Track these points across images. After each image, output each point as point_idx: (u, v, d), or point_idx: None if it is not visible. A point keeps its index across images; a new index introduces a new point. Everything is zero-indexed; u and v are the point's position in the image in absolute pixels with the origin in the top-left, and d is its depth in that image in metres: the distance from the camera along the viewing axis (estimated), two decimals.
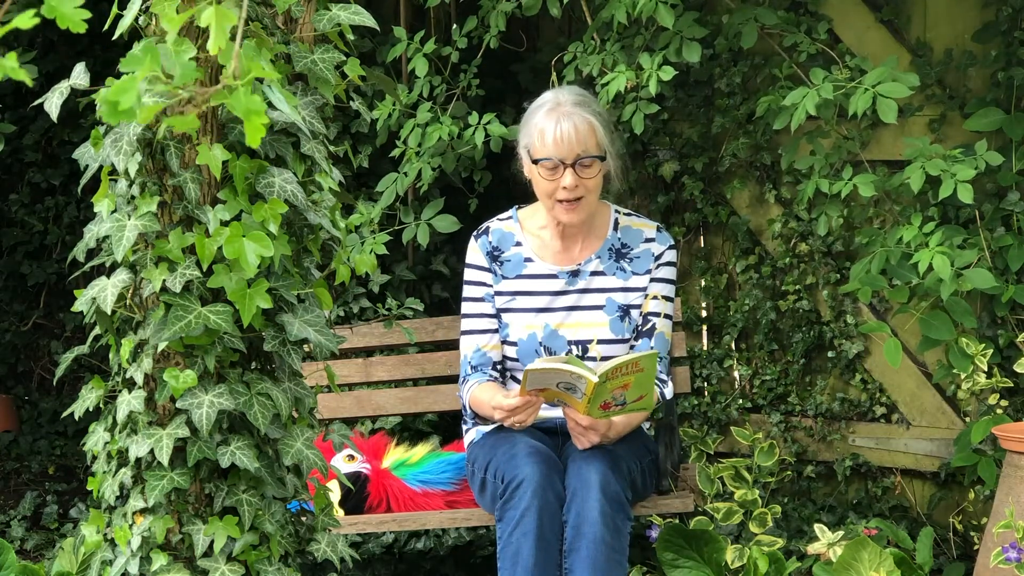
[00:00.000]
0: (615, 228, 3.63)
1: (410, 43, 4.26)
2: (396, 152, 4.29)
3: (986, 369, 3.72)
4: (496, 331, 3.60)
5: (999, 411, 3.83)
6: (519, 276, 3.61)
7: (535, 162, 3.48)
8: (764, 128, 4.30)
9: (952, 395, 4.23)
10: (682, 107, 4.53)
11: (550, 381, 3.27)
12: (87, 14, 1.46)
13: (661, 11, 3.58)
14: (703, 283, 4.65)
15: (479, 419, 3.62)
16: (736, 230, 4.53)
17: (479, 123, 4.13)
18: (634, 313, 3.58)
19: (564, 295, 3.58)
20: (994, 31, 4.02)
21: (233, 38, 1.58)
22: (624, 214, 3.66)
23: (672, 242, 3.65)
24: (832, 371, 4.47)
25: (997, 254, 3.83)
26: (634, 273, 3.60)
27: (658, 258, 3.61)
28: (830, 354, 4.43)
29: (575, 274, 3.60)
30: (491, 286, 3.62)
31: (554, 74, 4.06)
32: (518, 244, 3.64)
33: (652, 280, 3.60)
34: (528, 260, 3.62)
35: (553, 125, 3.45)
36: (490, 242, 3.64)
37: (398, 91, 4.24)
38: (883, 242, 3.66)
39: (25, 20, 1.41)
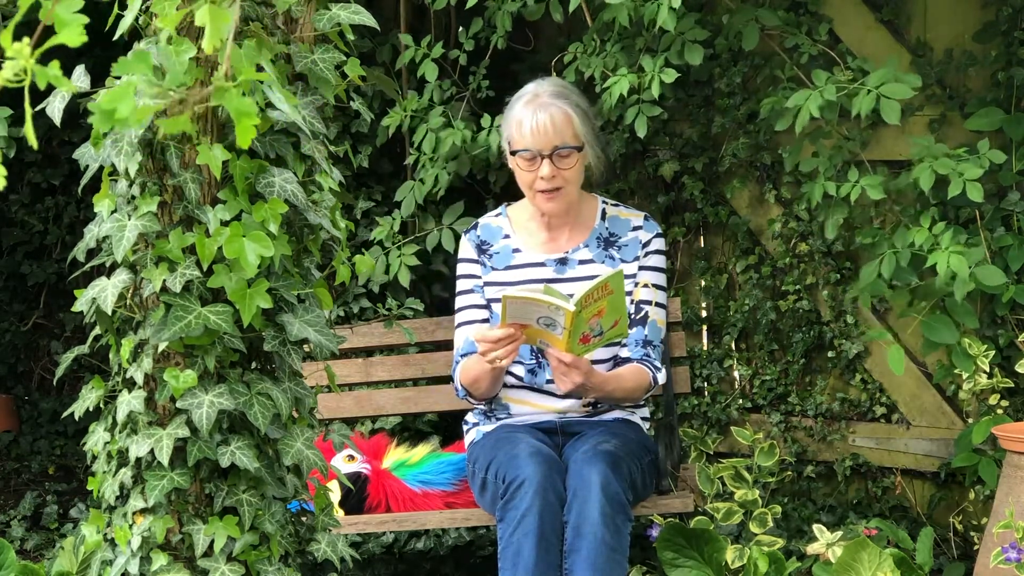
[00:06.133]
0: (603, 218, 3.67)
1: (418, 49, 4.26)
2: (411, 159, 4.30)
3: (987, 370, 3.71)
4: (487, 321, 3.62)
5: (999, 411, 3.83)
6: (508, 267, 3.65)
7: (513, 153, 3.52)
8: (764, 128, 4.30)
9: (952, 395, 4.23)
10: (682, 107, 4.53)
11: (530, 315, 3.28)
12: (85, 19, 1.42)
13: (664, 14, 3.57)
14: (703, 283, 4.64)
15: (483, 409, 3.64)
16: (736, 230, 4.53)
17: (492, 125, 4.14)
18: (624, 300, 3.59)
19: (553, 283, 3.59)
20: (994, 31, 4.01)
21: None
22: (612, 204, 3.71)
23: (660, 230, 3.68)
24: (832, 371, 4.46)
25: (997, 254, 3.83)
26: (622, 261, 3.63)
27: (645, 245, 3.64)
28: (830, 354, 4.43)
29: (563, 262, 3.62)
30: (480, 277, 3.65)
31: (554, 74, 4.06)
32: (507, 237, 3.68)
33: (641, 268, 3.63)
34: (516, 251, 3.66)
35: (531, 116, 3.49)
36: (478, 235, 3.69)
37: (409, 97, 4.26)
38: (891, 244, 3.64)
39: (73, 36, 1.38)
